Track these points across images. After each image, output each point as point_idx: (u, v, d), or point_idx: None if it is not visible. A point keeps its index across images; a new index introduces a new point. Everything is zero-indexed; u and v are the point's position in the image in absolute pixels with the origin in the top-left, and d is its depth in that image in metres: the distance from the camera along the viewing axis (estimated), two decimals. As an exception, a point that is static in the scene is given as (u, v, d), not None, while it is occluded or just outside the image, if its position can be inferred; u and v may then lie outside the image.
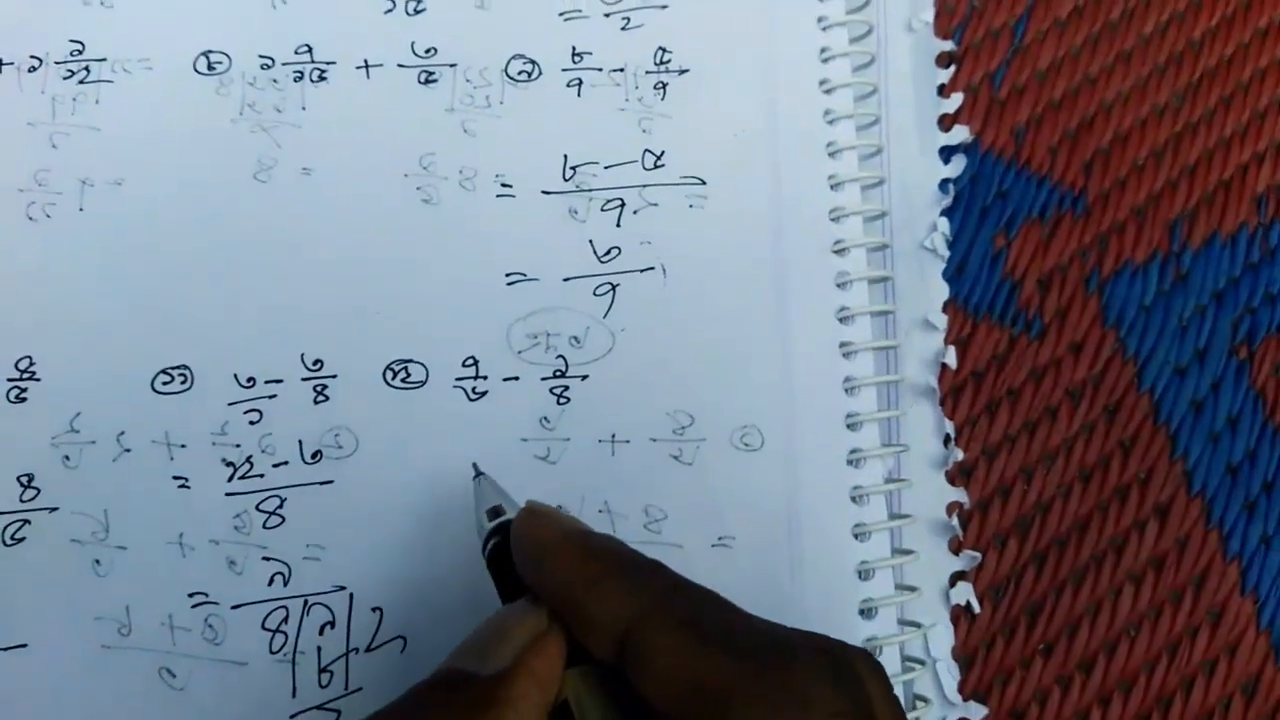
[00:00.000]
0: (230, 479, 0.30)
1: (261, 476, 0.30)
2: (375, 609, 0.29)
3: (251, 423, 0.30)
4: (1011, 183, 0.35)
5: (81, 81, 0.33)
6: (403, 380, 0.31)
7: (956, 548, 0.32)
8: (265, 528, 0.29)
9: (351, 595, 0.29)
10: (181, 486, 0.29)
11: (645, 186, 0.33)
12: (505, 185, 0.32)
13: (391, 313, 0.31)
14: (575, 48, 0.34)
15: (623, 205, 0.32)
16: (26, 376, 0.30)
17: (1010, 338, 0.34)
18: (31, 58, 0.33)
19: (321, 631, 0.29)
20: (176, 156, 0.32)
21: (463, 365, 0.31)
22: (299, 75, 0.33)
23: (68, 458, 0.30)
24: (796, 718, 0.19)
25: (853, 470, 0.31)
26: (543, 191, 0.32)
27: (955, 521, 0.32)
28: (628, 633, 0.21)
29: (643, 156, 0.33)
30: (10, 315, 0.30)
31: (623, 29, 0.34)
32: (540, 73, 0.34)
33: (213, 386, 0.30)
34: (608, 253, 0.32)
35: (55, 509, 0.29)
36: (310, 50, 0.33)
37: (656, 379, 0.31)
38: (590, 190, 0.33)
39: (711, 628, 0.21)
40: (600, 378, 0.31)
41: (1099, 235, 0.35)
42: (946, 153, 0.35)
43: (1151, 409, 0.33)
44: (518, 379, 0.31)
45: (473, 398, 0.31)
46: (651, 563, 0.23)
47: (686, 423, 0.31)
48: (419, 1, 0.34)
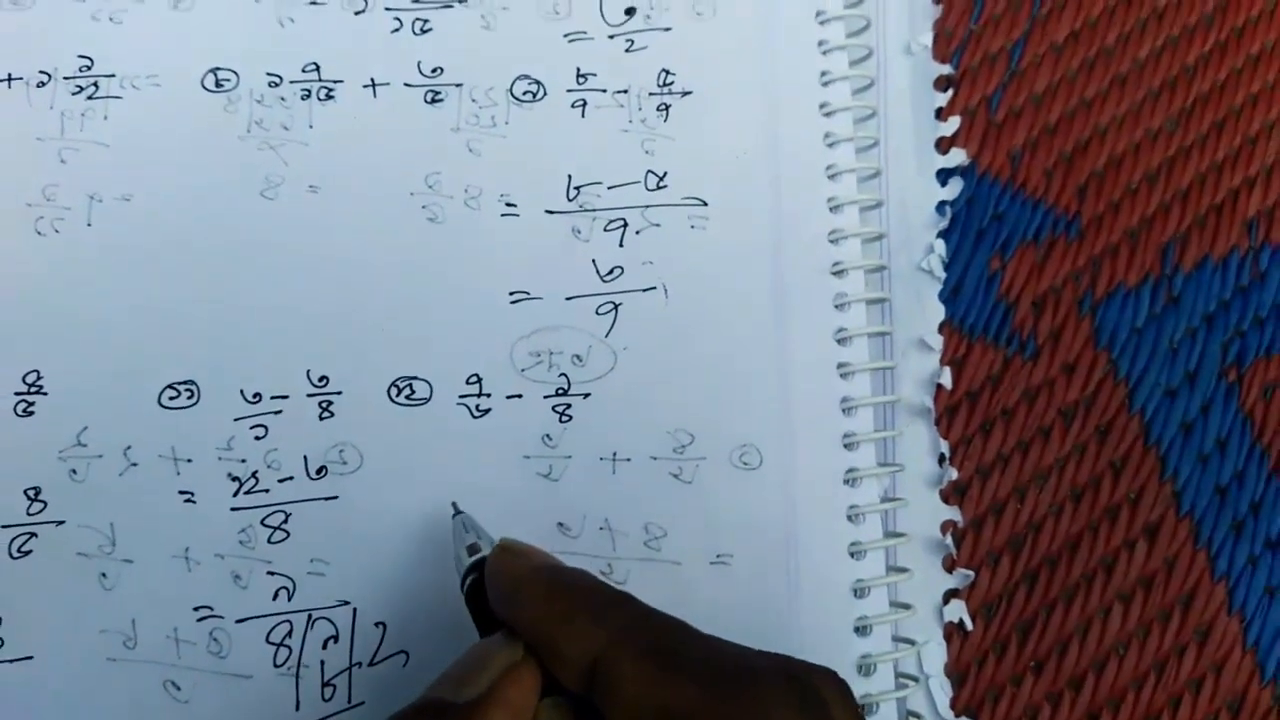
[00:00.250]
0: (236, 494, 0.30)
1: (267, 492, 0.30)
2: (378, 624, 0.29)
3: (257, 438, 0.30)
4: (1007, 205, 0.35)
5: (90, 97, 0.33)
6: (407, 397, 0.31)
7: (950, 566, 0.32)
8: (270, 543, 0.30)
9: (355, 610, 0.29)
10: (187, 501, 0.30)
11: (648, 207, 0.33)
12: (510, 204, 0.33)
13: (396, 330, 0.31)
14: (580, 69, 0.34)
15: (625, 225, 0.33)
16: (34, 390, 0.30)
17: (1004, 359, 0.34)
18: (40, 73, 0.33)
19: (325, 646, 0.29)
20: (184, 173, 0.32)
21: (466, 383, 0.31)
22: (306, 93, 0.33)
23: (74, 471, 0.30)
24: None
25: (849, 489, 0.32)
26: (547, 211, 0.33)
27: (949, 540, 0.32)
28: (595, 663, 0.21)
29: (645, 177, 0.33)
30: (18, 329, 0.31)
31: (627, 51, 0.34)
32: (545, 93, 0.34)
33: (219, 402, 0.30)
34: (610, 272, 0.32)
35: (62, 522, 0.29)
36: (318, 69, 0.34)
37: (657, 398, 0.31)
38: (594, 210, 0.33)
39: (677, 655, 0.21)
40: (602, 396, 0.31)
41: (1092, 258, 0.35)
42: (944, 175, 0.35)
43: (1142, 430, 0.34)
44: (521, 397, 0.31)
45: (476, 415, 0.31)
46: (620, 595, 0.23)
47: (686, 441, 0.31)
48: (426, 21, 0.34)
